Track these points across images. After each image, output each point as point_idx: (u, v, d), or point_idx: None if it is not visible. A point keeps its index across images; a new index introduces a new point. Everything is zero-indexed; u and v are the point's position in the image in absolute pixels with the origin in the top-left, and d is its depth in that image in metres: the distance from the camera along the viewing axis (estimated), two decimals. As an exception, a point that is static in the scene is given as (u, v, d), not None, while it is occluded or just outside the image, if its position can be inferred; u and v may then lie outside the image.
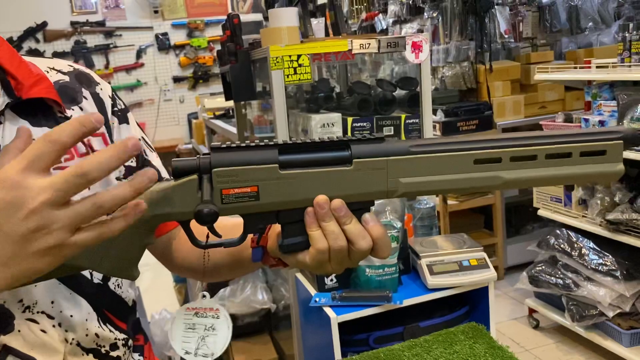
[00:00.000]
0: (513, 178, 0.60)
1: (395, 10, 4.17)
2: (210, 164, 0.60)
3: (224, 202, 0.60)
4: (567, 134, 0.61)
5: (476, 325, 1.18)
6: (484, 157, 0.60)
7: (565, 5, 3.69)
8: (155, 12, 6.41)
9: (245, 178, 0.60)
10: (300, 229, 0.62)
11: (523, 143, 0.60)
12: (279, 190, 0.60)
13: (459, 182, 0.61)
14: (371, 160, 0.60)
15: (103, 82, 0.86)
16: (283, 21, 1.75)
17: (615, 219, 2.38)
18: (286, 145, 0.61)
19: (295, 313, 1.91)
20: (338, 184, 0.61)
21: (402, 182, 0.61)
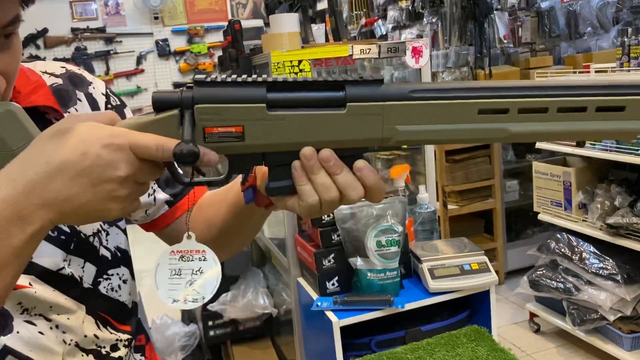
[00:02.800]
0: (520, 131, 0.55)
1: (395, 16, 4.19)
2: (192, 99, 0.56)
3: (206, 141, 0.56)
4: (584, 85, 0.54)
5: (478, 329, 1.19)
6: (490, 108, 0.54)
7: (564, 11, 3.71)
8: (155, 19, 6.43)
9: (230, 117, 0.56)
10: (288, 172, 0.59)
11: (534, 94, 0.54)
12: (266, 131, 0.56)
13: (460, 132, 0.55)
14: (367, 105, 0.55)
15: (95, 80, 0.86)
16: (284, 27, 1.76)
17: (615, 223, 2.39)
18: (276, 83, 0.56)
19: (297, 317, 1.91)
20: (329, 129, 0.56)
21: (398, 130, 0.56)
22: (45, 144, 0.55)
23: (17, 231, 0.53)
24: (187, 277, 0.65)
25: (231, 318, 2.37)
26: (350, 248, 1.59)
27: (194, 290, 0.65)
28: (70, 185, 0.53)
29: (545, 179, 2.83)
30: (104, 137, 0.54)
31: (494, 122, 0.55)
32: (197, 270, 0.66)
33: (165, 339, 2.61)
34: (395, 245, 1.56)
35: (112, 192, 0.55)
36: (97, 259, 0.78)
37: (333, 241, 1.63)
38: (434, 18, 3.73)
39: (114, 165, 0.54)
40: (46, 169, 0.53)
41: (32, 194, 0.53)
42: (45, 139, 0.55)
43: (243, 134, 0.56)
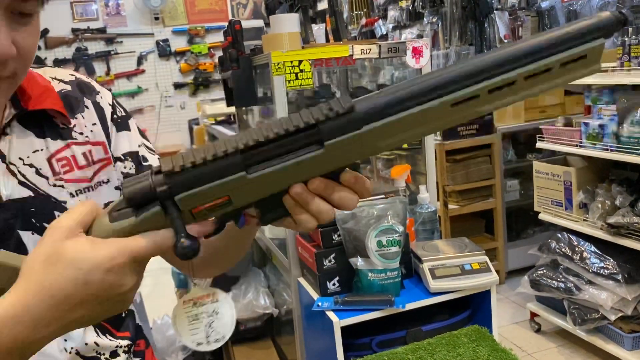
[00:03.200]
0: (492, 107, 0.56)
1: (395, 16, 4.20)
2: (170, 193, 0.55)
3: (196, 219, 0.57)
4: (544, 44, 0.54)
5: (479, 329, 1.18)
6: (462, 99, 0.54)
7: (564, 10, 3.71)
8: (156, 19, 6.44)
9: (213, 194, 0.55)
10: (276, 205, 0.59)
11: (499, 71, 0.54)
12: (252, 190, 0.56)
13: (438, 127, 0.56)
14: (346, 138, 0.55)
15: (103, 90, 0.87)
16: (284, 27, 1.76)
17: (616, 223, 2.39)
18: (248, 148, 0.55)
19: (298, 317, 1.91)
20: (312, 168, 0.56)
21: (381, 146, 0.56)
22: (43, 276, 0.53)
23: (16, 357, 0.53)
24: (204, 320, 0.68)
25: (232, 318, 2.37)
26: (351, 248, 1.60)
27: (214, 331, 0.68)
28: (77, 311, 0.53)
29: (545, 179, 2.83)
30: (102, 263, 0.53)
31: (468, 109, 0.55)
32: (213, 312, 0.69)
33: (166, 339, 2.61)
34: (396, 245, 1.56)
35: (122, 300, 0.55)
36: None
37: (334, 241, 1.64)
38: (434, 18, 3.73)
39: (120, 284, 0.54)
40: (51, 303, 0.52)
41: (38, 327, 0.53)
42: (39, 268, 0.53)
43: (230, 200, 0.56)
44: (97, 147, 0.82)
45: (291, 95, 2.08)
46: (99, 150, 0.82)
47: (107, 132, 0.84)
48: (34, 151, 0.75)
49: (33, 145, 0.75)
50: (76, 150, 0.79)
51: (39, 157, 0.76)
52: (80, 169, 0.79)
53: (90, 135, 0.82)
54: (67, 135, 0.79)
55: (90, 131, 0.82)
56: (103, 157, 0.82)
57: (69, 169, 0.78)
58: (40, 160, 0.76)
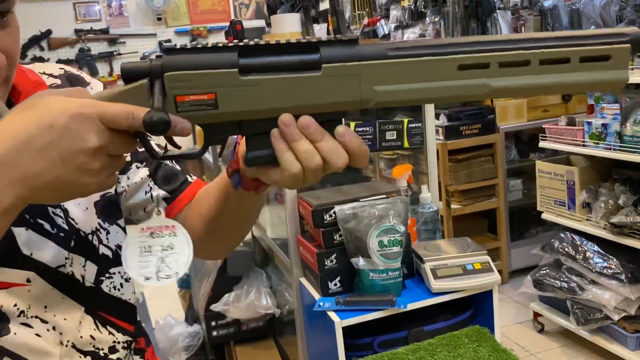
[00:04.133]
0: (502, 86, 0.53)
1: (397, 16, 4.19)
2: (162, 68, 0.54)
3: (178, 110, 0.54)
4: (566, 36, 0.53)
5: (480, 329, 1.18)
6: (470, 63, 0.53)
7: (567, 9, 3.70)
8: (158, 19, 6.44)
9: (201, 84, 0.53)
10: (266, 141, 0.57)
11: (514, 47, 0.52)
12: (240, 97, 0.54)
13: (441, 90, 0.54)
14: (343, 65, 0.53)
15: (94, 81, 0.86)
16: (286, 27, 1.76)
17: (619, 222, 2.38)
18: (247, 47, 0.54)
19: (299, 318, 1.91)
20: (306, 92, 0.54)
21: (377, 90, 0.54)
22: (12, 119, 0.53)
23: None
24: (157, 253, 0.64)
25: (234, 318, 2.37)
26: (353, 248, 1.59)
27: (166, 267, 0.63)
28: (38, 160, 0.52)
29: (548, 178, 2.82)
30: (71, 108, 0.52)
31: (475, 78, 0.53)
32: (168, 246, 0.64)
33: (169, 339, 2.62)
34: (397, 245, 1.56)
35: (84, 165, 0.53)
36: (97, 258, 0.77)
37: (335, 241, 1.63)
38: (437, 17, 3.73)
39: (83, 136, 0.52)
40: (12, 143, 0.52)
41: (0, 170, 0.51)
42: (12, 114, 0.54)
43: (216, 101, 0.54)
44: None
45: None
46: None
47: None
48: None
49: None
50: None
51: None
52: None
53: None
54: None
55: None
56: None
57: None
58: None
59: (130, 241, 0.64)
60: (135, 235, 0.64)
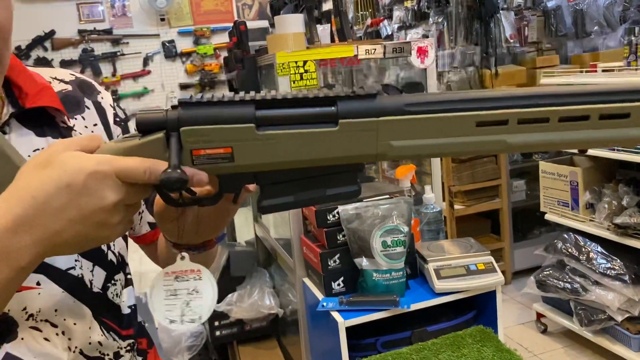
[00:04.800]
0: (520, 142, 0.52)
1: (400, 16, 4.19)
2: (178, 121, 0.54)
3: (194, 163, 0.55)
4: (586, 92, 0.52)
5: (484, 329, 1.18)
6: (488, 120, 0.52)
7: (570, 10, 3.69)
8: (161, 20, 6.45)
9: (218, 138, 0.53)
10: (281, 190, 0.57)
11: (534, 103, 0.51)
12: (257, 151, 0.54)
13: (457, 146, 0.53)
14: (360, 121, 0.53)
15: (104, 91, 0.86)
16: (289, 27, 1.76)
17: (623, 223, 2.38)
18: (264, 101, 0.54)
19: (303, 318, 1.91)
20: (321, 146, 0.54)
21: (393, 146, 0.53)
22: (30, 178, 0.54)
23: (4, 267, 0.52)
24: (182, 297, 0.65)
25: (237, 318, 2.37)
26: (356, 248, 1.59)
27: (190, 311, 0.64)
28: (58, 219, 0.53)
29: (552, 179, 2.82)
30: (88, 166, 0.53)
31: (493, 134, 0.52)
32: (193, 290, 0.65)
33: (172, 339, 2.62)
34: (400, 246, 1.56)
35: (103, 221, 0.54)
36: (105, 264, 0.77)
37: (338, 241, 1.63)
38: (440, 18, 3.72)
39: (101, 194, 0.53)
40: (32, 203, 0.52)
41: (19, 231, 0.52)
42: (29, 171, 0.54)
43: (232, 155, 0.54)
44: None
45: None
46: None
47: (110, 133, 0.83)
48: (34, 150, 0.74)
49: (33, 144, 0.74)
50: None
51: None
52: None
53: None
54: (68, 134, 0.78)
55: (91, 132, 0.81)
56: None
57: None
58: None
59: (156, 284, 0.65)
60: (161, 279, 0.65)
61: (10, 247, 0.52)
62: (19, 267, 0.53)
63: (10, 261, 0.52)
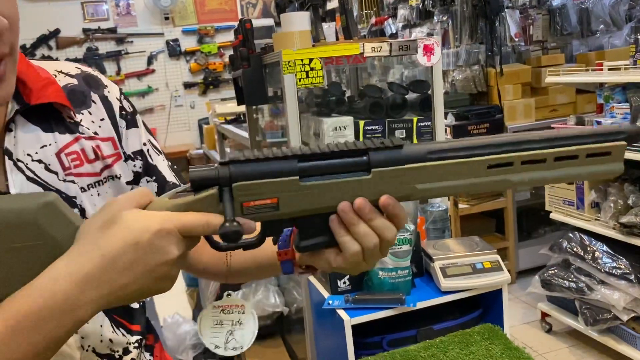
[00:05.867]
0: (521, 180, 0.62)
1: (405, 15, 4.18)
2: (230, 178, 0.60)
3: (244, 214, 0.61)
4: (574, 135, 0.62)
5: (492, 327, 1.18)
6: (497, 163, 0.62)
7: (575, 8, 3.68)
8: (166, 19, 6.46)
9: (266, 191, 0.61)
10: (317, 230, 0.64)
11: (534, 146, 0.62)
12: (299, 199, 0.61)
13: (471, 186, 0.62)
14: (390, 169, 0.62)
15: (110, 84, 0.85)
16: (295, 25, 1.76)
17: (628, 222, 2.37)
18: (305, 156, 0.61)
19: (308, 316, 1.91)
20: (356, 192, 0.62)
21: (418, 188, 0.62)
22: (97, 237, 0.58)
23: (68, 323, 0.56)
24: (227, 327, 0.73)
25: (242, 316, 2.38)
26: (362, 246, 1.59)
27: (233, 340, 0.72)
28: (125, 275, 0.56)
29: (557, 178, 2.81)
30: (153, 224, 0.57)
31: (500, 175, 0.62)
32: (237, 322, 0.74)
33: (177, 337, 2.62)
34: (406, 244, 1.56)
35: (166, 274, 0.58)
36: None
37: (344, 240, 1.63)
38: (445, 16, 3.72)
39: (166, 250, 0.57)
40: (101, 261, 0.56)
41: (87, 288, 0.56)
42: (95, 231, 0.58)
43: (278, 205, 0.61)
44: (106, 143, 0.80)
45: (300, 93, 2.08)
46: (108, 145, 0.80)
47: (117, 127, 0.82)
48: (42, 146, 0.74)
49: (40, 141, 0.74)
50: (85, 144, 0.77)
51: (47, 153, 0.74)
52: (90, 163, 0.77)
53: (99, 131, 0.80)
54: (75, 129, 0.77)
55: (98, 127, 0.80)
56: (112, 153, 0.80)
57: (78, 163, 0.76)
58: (48, 156, 0.74)
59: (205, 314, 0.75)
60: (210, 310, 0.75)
61: (77, 302, 0.55)
62: (81, 321, 0.57)
63: (75, 316, 0.56)
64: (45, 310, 0.55)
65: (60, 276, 0.56)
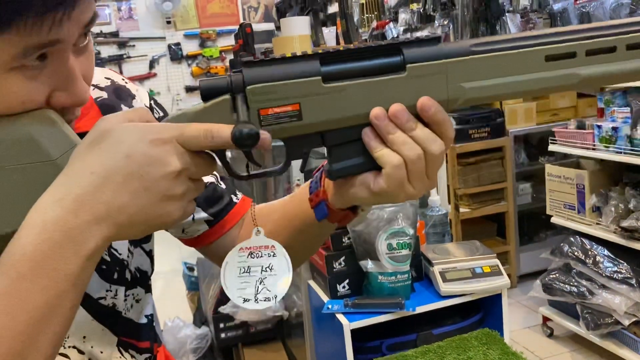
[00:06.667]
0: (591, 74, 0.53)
1: (406, 19, 4.19)
2: (243, 81, 0.52)
3: (262, 124, 0.53)
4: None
5: (490, 332, 1.18)
6: (557, 53, 0.52)
7: (577, 12, 3.68)
8: (167, 23, 6.49)
9: (285, 95, 0.52)
10: (351, 151, 0.55)
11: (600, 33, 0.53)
12: (324, 106, 0.53)
13: (530, 83, 0.53)
14: (428, 64, 0.53)
15: (140, 92, 0.81)
16: (295, 30, 1.77)
17: (630, 226, 2.37)
18: (328, 54, 0.53)
19: (308, 320, 1.91)
20: (391, 95, 0.53)
21: (465, 87, 0.53)
22: (86, 155, 0.51)
23: (71, 255, 0.48)
24: (256, 274, 0.61)
25: (242, 320, 2.38)
26: (361, 251, 1.59)
27: (265, 289, 0.60)
28: (120, 193, 0.49)
29: (558, 182, 2.81)
30: (146, 134, 0.50)
31: (563, 68, 0.53)
32: (267, 267, 0.61)
33: (177, 341, 2.63)
34: (406, 248, 1.56)
35: (168, 191, 0.50)
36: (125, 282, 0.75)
37: (344, 244, 1.63)
38: (446, 20, 3.72)
39: (163, 161, 0.50)
40: (91, 180, 0.49)
41: (81, 210, 0.48)
42: (84, 149, 0.51)
43: (300, 112, 0.53)
44: None
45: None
46: None
47: None
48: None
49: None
50: None
51: None
52: None
53: None
54: None
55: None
56: None
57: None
58: None
59: (229, 261, 0.62)
60: (234, 255, 0.62)
61: (73, 230, 0.48)
62: (86, 253, 0.49)
63: (76, 247, 0.48)
64: (42, 245, 0.47)
65: (48, 205, 0.49)
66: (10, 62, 0.51)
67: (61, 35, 0.53)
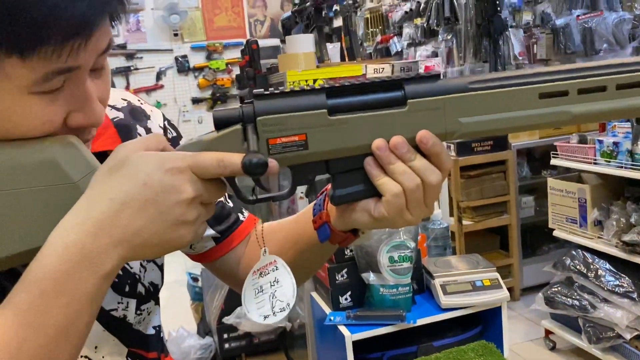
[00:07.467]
0: (583, 112, 0.55)
1: (410, 33, 4.24)
2: (254, 112, 0.56)
3: (270, 153, 0.56)
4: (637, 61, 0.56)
5: (486, 344, 1.20)
6: (550, 91, 0.55)
7: (579, 27, 3.72)
8: (175, 35, 6.55)
9: (293, 125, 0.56)
10: (353, 178, 0.58)
11: (591, 73, 0.55)
12: (329, 137, 0.56)
13: (524, 119, 0.56)
14: (427, 100, 0.56)
15: (154, 113, 0.83)
16: (300, 47, 1.81)
17: (631, 241, 2.38)
18: (334, 88, 0.57)
19: (310, 332, 1.94)
20: (392, 128, 0.56)
21: (462, 122, 0.56)
22: (105, 181, 0.54)
23: (88, 275, 0.52)
24: (268, 290, 0.65)
25: (246, 331, 2.40)
26: (363, 263, 1.62)
27: (277, 301, 0.65)
28: (137, 218, 0.53)
29: (560, 196, 2.83)
30: (162, 163, 0.53)
31: (556, 105, 0.55)
32: (274, 281, 0.66)
33: (181, 351, 2.65)
34: (407, 261, 1.58)
35: (181, 217, 0.54)
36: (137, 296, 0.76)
37: (346, 256, 1.66)
38: (449, 35, 3.77)
39: (178, 189, 0.53)
40: (110, 205, 0.53)
41: (100, 234, 0.52)
42: (104, 175, 0.55)
43: (306, 142, 0.56)
44: None
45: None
46: None
47: None
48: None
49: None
50: None
51: None
52: None
53: None
54: None
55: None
56: None
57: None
58: None
59: (247, 287, 0.66)
60: (249, 281, 0.66)
61: (92, 252, 0.52)
62: (103, 274, 0.53)
63: (94, 267, 0.52)
64: (63, 265, 0.51)
65: (70, 227, 0.52)
66: (31, 86, 0.55)
67: (79, 62, 0.56)
